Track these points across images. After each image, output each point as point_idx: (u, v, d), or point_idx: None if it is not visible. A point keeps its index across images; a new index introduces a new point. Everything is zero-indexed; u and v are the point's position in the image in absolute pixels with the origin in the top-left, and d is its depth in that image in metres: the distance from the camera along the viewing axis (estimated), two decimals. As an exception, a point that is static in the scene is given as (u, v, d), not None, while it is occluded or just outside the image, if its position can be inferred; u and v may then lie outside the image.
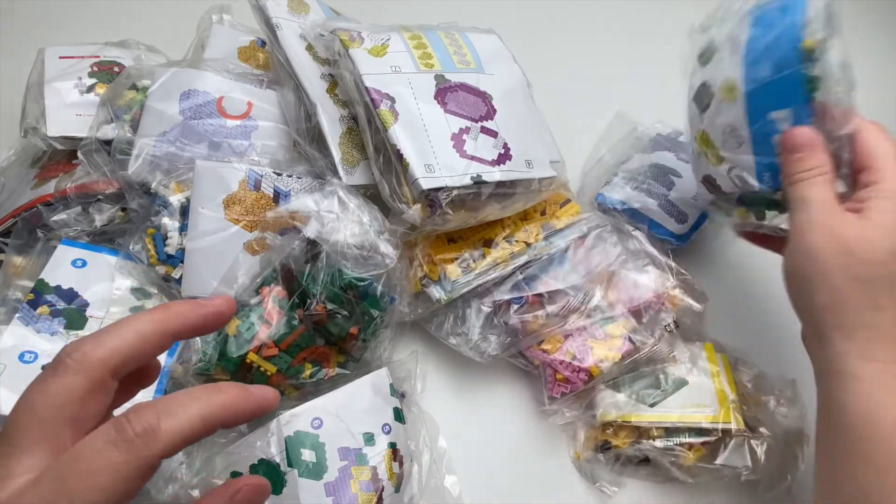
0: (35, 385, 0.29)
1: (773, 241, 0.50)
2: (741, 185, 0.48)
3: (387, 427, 0.48)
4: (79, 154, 0.56)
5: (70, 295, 0.51)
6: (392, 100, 0.53)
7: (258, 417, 0.31)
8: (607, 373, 0.54)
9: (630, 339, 0.54)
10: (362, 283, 0.50)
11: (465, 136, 0.53)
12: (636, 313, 0.56)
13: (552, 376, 0.55)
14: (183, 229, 0.53)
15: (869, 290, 0.39)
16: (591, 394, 0.55)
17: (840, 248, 0.39)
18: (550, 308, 0.54)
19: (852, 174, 0.43)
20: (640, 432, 0.52)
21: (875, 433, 0.38)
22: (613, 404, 0.53)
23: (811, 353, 0.43)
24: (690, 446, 0.51)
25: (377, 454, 0.46)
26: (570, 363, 0.54)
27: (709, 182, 0.52)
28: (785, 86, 0.42)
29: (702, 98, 0.49)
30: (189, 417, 0.27)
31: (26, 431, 0.27)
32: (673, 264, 0.58)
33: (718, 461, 0.50)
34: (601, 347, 0.54)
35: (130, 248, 0.54)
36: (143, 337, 0.30)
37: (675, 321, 0.56)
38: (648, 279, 0.57)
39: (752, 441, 0.50)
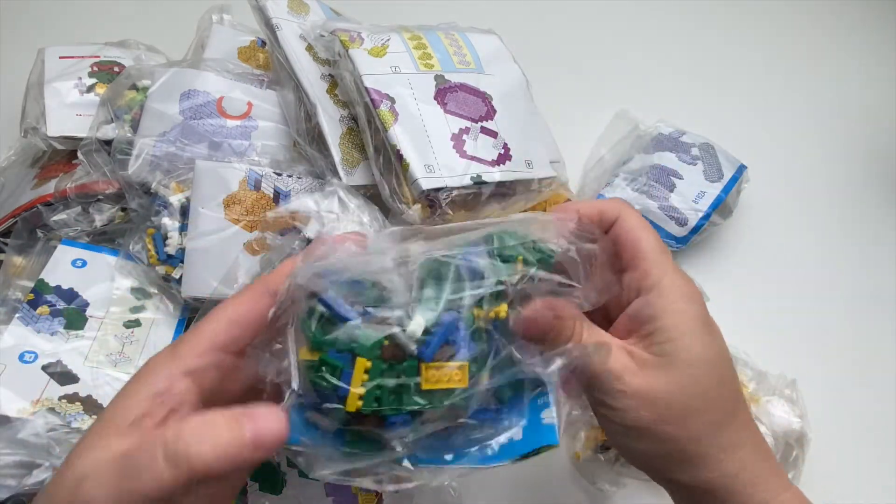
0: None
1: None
2: None
3: (387, 427, 0.48)
4: (79, 154, 0.56)
5: (70, 295, 0.51)
6: (392, 100, 0.53)
7: None
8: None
9: None
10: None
11: (464, 137, 0.53)
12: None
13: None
14: (183, 229, 0.53)
15: (718, 437, 0.32)
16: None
17: (665, 414, 0.32)
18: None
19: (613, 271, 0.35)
20: (640, 432, 0.52)
21: None
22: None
23: None
24: (690, 446, 0.51)
25: (377, 454, 0.46)
26: (570, 363, 0.53)
27: None
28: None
29: None
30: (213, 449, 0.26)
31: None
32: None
33: (718, 461, 0.50)
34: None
35: (130, 248, 0.54)
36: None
37: None
38: None
39: (751, 441, 0.50)
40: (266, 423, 0.27)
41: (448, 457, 0.31)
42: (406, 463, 0.30)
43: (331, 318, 0.28)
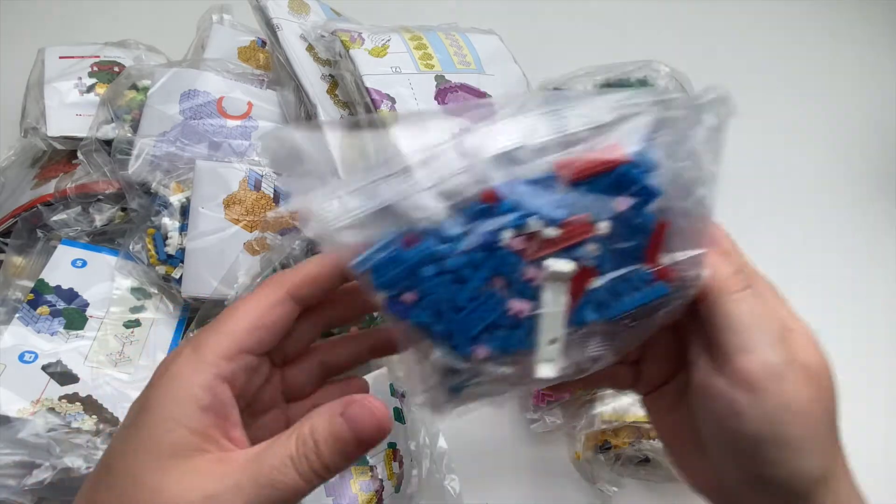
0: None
1: None
2: None
3: (387, 427, 0.48)
4: (79, 154, 0.56)
5: (70, 295, 0.51)
6: (392, 100, 0.53)
7: None
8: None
9: None
10: (362, 283, 0.50)
11: (465, 137, 0.54)
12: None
13: (537, 385, 0.54)
14: (183, 229, 0.53)
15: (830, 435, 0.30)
16: (576, 404, 0.54)
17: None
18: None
19: None
20: (640, 432, 0.52)
21: None
22: (613, 404, 0.53)
23: None
24: (690, 446, 0.51)
25: (377, 454, 0.46)
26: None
27: None
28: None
29: None
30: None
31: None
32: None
33: (718, 461, 0.50)
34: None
35: (130, 248, 0.54)
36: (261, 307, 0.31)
37: None
38: None
39: (751, 441, 0.50)
40: (365, 421, 0.28)
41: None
42: None
43: None
